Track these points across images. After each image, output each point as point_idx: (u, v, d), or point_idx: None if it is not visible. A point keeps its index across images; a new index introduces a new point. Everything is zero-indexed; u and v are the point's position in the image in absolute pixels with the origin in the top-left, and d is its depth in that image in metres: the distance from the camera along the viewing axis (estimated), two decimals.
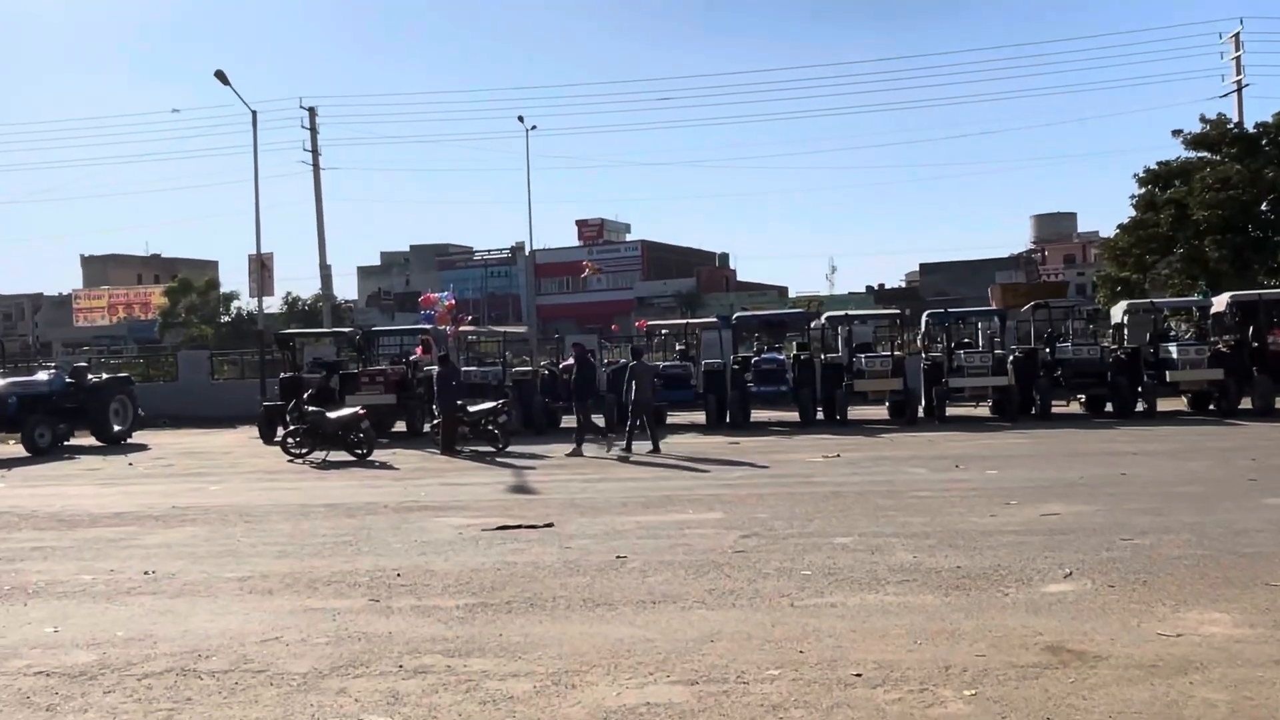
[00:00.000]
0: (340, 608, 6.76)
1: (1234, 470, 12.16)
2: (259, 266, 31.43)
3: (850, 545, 8.30)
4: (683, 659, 5.35)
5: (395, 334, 28.81)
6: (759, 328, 25.86)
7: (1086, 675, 4.86)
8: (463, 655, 5.55)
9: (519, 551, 8.54)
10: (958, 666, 5.05)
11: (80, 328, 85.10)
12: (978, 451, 15.40)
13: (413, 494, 12.62)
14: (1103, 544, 7.96)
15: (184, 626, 6.40)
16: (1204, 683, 4.69)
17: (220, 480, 15.10)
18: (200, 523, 10.80)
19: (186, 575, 7.99)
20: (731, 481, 12.87)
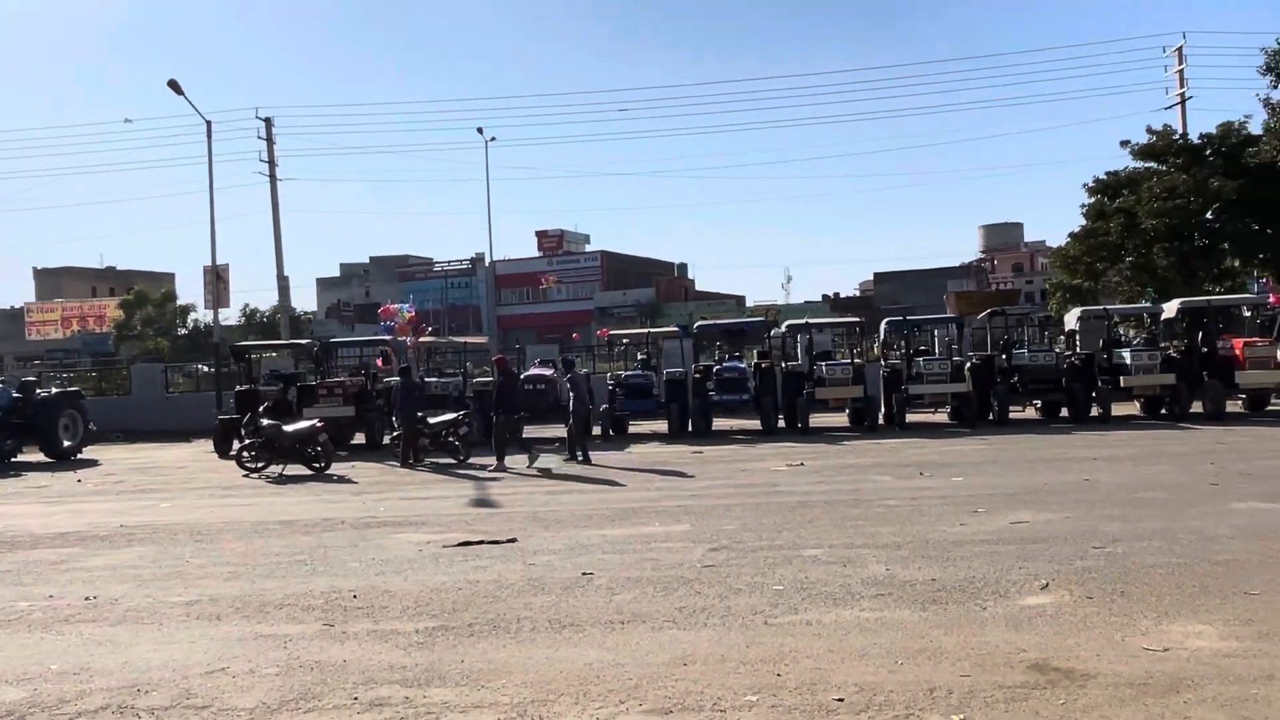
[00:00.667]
0: (292, 634, 6.32)
1: (1195, 475, 12.07)
2: (214, 278, 30.65)
3: (821, 557, 8.01)
4: (655, 685, 5.01)
5: (354, 345, 28.18)
6: (719, 337, 25.64)
7: (1076, 696, 4.60)
8: (422, 685, 5.16)
9: (481, 569, 8.13)
10: (942, 688, 4.77)
11: (33, 341, 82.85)
12: (940, 458, 15.26)
13: (371, 509, 12.14)
14: (1075, 553, 7.75)
15: (124, 658, 5.93)
16: (1198, 702, 4.46)
17: (172, 497, 14.47)
18: (148, 542, 10.24)
19: (130, 600, 7.48)
20: (697, 492, 12.57)
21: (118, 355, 60.62)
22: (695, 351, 23.65)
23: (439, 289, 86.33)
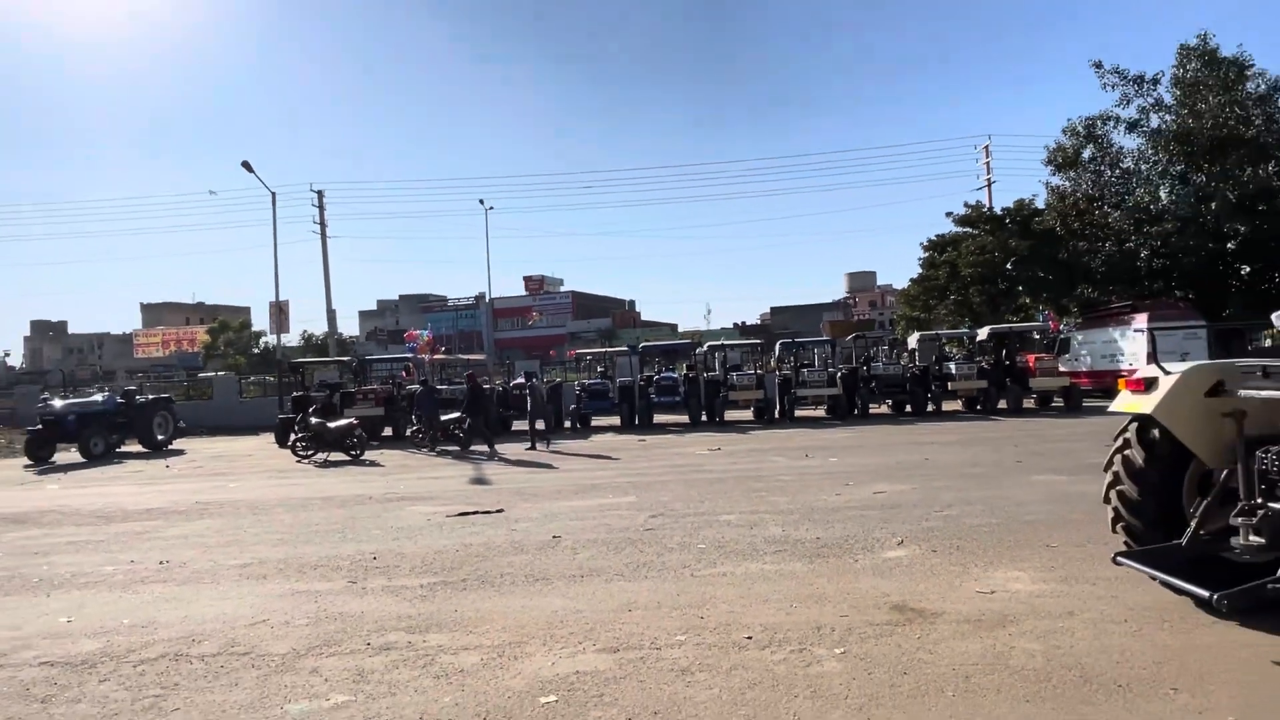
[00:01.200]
0: (323, 590, 5.90)
1: (1004, 455, 12.02)
2: (277, 311, 29.65)
3: (734, 522, 7.75)
4: (606, 628, 4.71)
5: (384, 361, 27.35)
6: (658, 354, 25.37)
7: (929, 631, 4.40)
8: (422, 631, 4.79)
9: (475, 534, 7.73)
10: (827, 627, 4.54)
11: (139, 359, 79.83)
12: (820, 444, 15.12)
13: (394, 487, 11.55)
14: (922, 516, 7.58)
15: (185, 612, 5.46)
16: (1020, 634, 4.28)
17: (239, 479, 13.74)
18: (216, 516, 9.60)
19: (196, 564, 6.95)
20: (641, 471, 12.23)
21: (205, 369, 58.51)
22: (640, 365, 23.35)
23: (451, 319, 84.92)
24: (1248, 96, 26.01)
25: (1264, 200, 25.45)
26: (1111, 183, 28.53)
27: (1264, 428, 4.07)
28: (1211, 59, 26.34)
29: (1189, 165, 26.66)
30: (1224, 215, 25.74)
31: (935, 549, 6.26)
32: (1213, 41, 26.50)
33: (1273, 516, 3.87)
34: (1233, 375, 4.31)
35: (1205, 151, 26.05)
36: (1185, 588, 3.87)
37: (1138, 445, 4.54)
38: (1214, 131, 25.66)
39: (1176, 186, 27.22)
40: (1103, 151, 28.42)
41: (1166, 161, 26.99)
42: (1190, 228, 25.93)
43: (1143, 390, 4.47)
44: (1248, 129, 25.53)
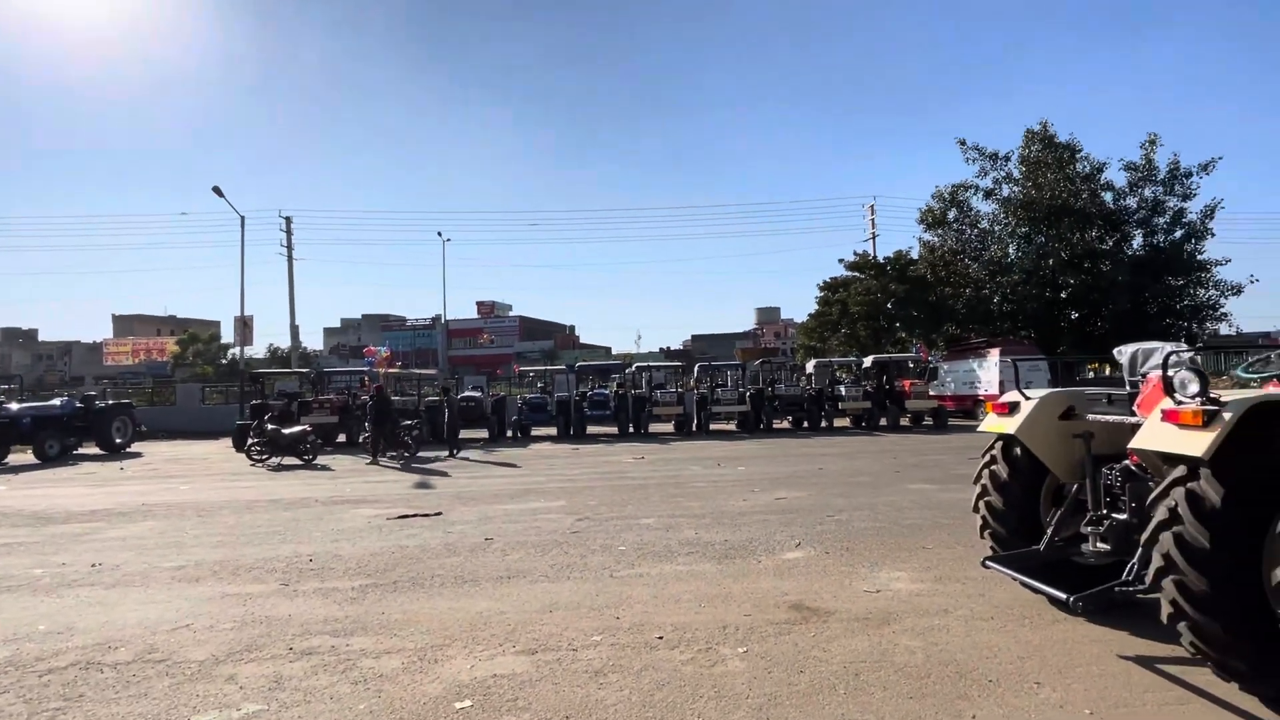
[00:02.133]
0: (254, 592, 5.28)
1: (885, 466, 12.12)
2: (242, 325, 27.90)
3: (653, 525, 7.43)
4: (527, 629, 4.32)
5: (342, 374, 25.98)
6: (593, 373, 24.98)
7: (823, 629, 4.18)
8: (347, 635, 4.29)
9: (412, 536, 7.17)
10: (732, 626, 4.27)
11: (108, 367, 74.00)
12: (730, 454, 15.01)
13: (340, 490, 10.74)
14: (816, 520, 7.44)
15: (107, 617, 4.77)
16: (903, 632, 4.11)
17: (190, 481, 12.54)
18: (160, 518, 8.66)
19: (129, 566, 6.18)
20: (573, 477, 11.77)
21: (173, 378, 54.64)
22: (576, 382, 22.88)
23: (409, 337, 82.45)
24: (1077, 174, 27.84)
25: (1089, 259, 27.18)
26: (971, 240, 29.98)
27: (1109, 448, 4.05)
28: (1050, 142, 28.11)
29: (1032, 228, 28.26)
30: (1058, 270, 27.37)
31: (828, 551, 6.11)
32: (1051, 128, 28.33)
33: (1116, 526, 3.83)
34: (1081, 401, 4.31)
35: (1044, 217, 27.68)
36: (1045, 590, 3.78)
37: (1002, 461, 4.49)
38: (1051, 201, 27.33)
39: (1022, 245, 28.80)
40: (964, 214, 29.87)
41: (1014, 224, 28.53)
42: (1032, 279, 27.44)
43: (1007, 413, 4.42)
44: (1076, 201, 27.29)
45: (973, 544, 5.99)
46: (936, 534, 6.63)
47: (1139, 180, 27.71)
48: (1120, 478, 3.88)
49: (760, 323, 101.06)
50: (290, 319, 32.70)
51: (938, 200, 29.99)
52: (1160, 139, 27.32)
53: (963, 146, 29.21)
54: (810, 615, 4.43)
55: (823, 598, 4.78)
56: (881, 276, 31.08)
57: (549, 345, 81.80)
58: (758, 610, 4.55)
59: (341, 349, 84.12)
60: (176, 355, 61.65)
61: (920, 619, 4.31)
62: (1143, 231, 28.13)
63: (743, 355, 52.36)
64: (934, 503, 8.32)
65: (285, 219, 33.09)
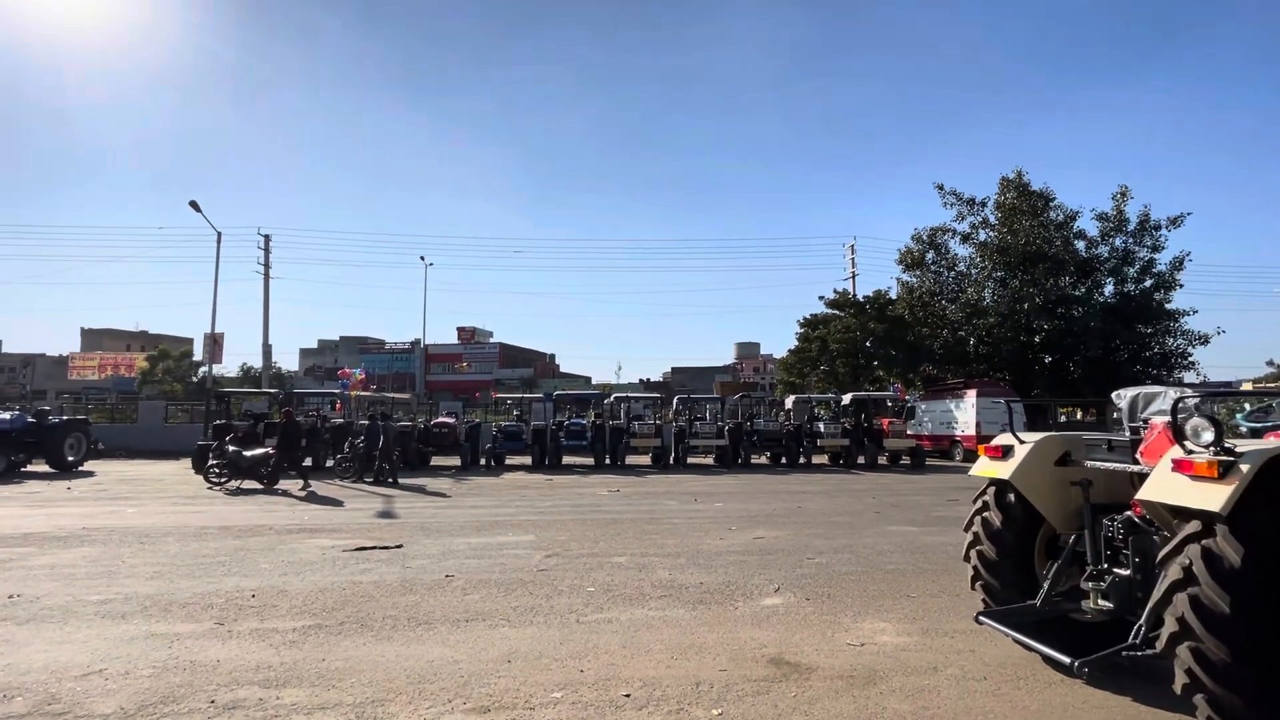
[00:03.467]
0: (183, 632, 4.78)
1: (865, 505, 11.83)
2: (211, 342, 27.03)
3: (625, 564, 7.03)
4: (481, 682, 3.90)
5: (315, 395, 25.26)
6: (571, 401, 24.64)
7: (804, 688, 3.83)
8: (279, 686, 3.84)
9: (368, 570, 6.68)
10: (706, 682, 3.90)
11: (73, 381, 71.67)
12: (708, 489, 14.64)
13: (299, 518, 10.17)
14: (796, 562, 7.09)
15: (10, 659, 4.25)
16: (890, 692, 3.77)
17: (139, 504, 11.82)
18: (98, 543, 8.04)
19: (51, 599, 5.62)
20: (544, 509, 11.30)
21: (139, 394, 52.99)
22: (554, 410, 22.48)
23: (388, 360, 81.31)
24: (1051, 222, 28.44)
25: (1062, 305, 27.61)
26: (948, 282, 30.36)
27: (1108, 496, 3.81)
28: (1024, 190, 28.76)
29: (1007, 272, 28.72)
30: (1033, 314, 27.73)
31: (809, 596, 5.76)
32: (1026, 176, 29.01)
33: (1119, 583, 3.57)
34: (1078, 446, 4.09)
35: (1019, 262, 28.16)
36: (1044, 651, 3.49)
37: (995, 508, 4.23)
38: (1026, 247, 27.83)
39: (997, 289, 29.22)
40: (941, 256, 30.31)
41: (990, 268, 28.97)
42: (1007, 322, 27.76)
43: (1000, 457, 4.18)
44: (1050, 247, 27.82)
45: (959, 593, 5.71)
46: (921, 581, 6.32)
47: (1110, 230, 28.39)
48: (1123, 530, 3.63)
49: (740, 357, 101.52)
50: (264, 338, 31.94)
51: (916, 242, 30.44)
52: (1131, 191, 28.10)
53: (941, 191, 29.79)
54: (790, 671, 4.08)
55: (804, 651, 4.43)
56: (861, 315, 31.25)
57: (529, 373, 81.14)
58: (734, 664, 4.18)
59: (317, 370, 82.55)
60: (145, 372, 60.18)
61: (909, 678, 3.98)
62: (1114, 279, 28.73)
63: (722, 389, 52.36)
64: (916, 546, 8.03)
65: (264, 236, 32.57)
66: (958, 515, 9.81)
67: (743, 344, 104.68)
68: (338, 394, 23.37)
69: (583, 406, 24.91)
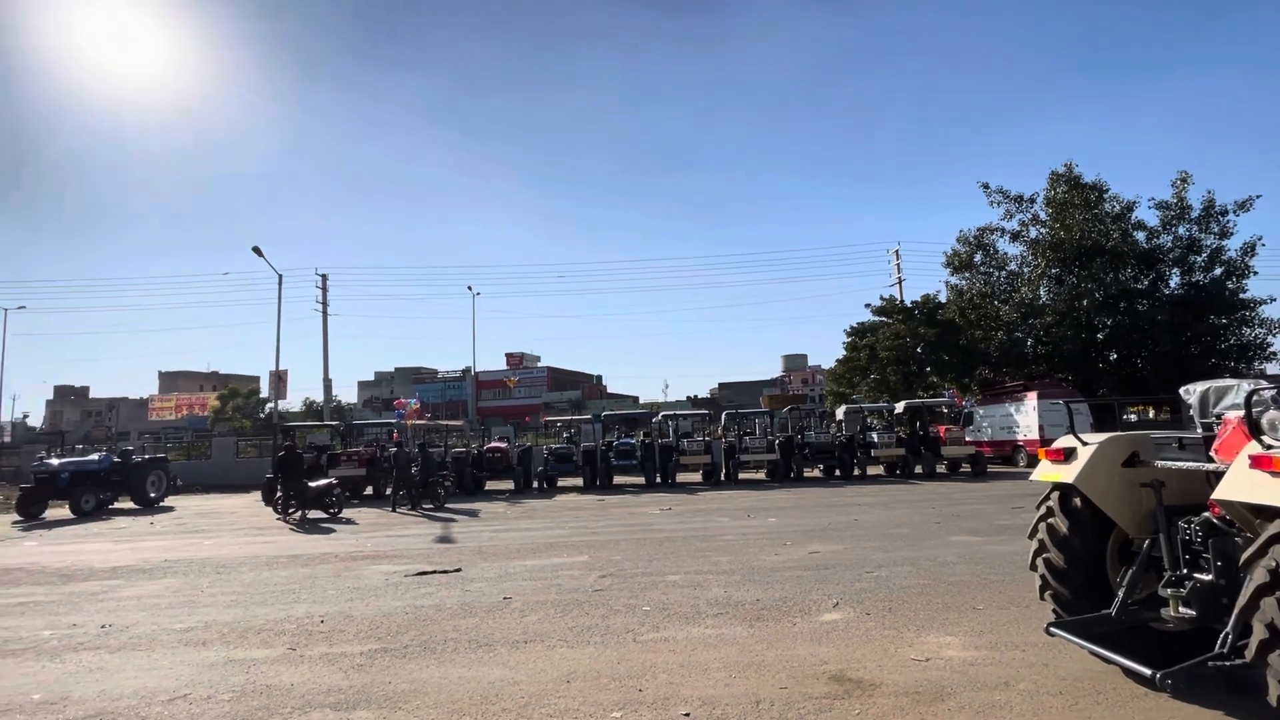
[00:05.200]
0: (259, 658, 4.98)
1: (924, 516, 11.44)
2: (276, 380, 28.33)
3: (679, 582, 6.98)
4: (542, 703, 3.93)
5: (373, 426, 26.09)
6: (620, 422, 24.75)
7: (868, 706, 3.72)
8: (349, 708, 3.95)
9: (428, 595, 6.82)
10: (766, 700, 3.84)
11: (153, 421, 76.16)
12: (760, 504, 14.42)
13: (362, 545, 10.47)
14: (855, 577, 6.91)
15: (105, 685, 4.51)
16: (959, 709, 3.63)
17: (215, 536, 12.41)
18: (179, 574, 8.46)
19: (139, 628, 5.94)
20: (597, 530, 11.32)
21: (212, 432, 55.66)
22: (603, 431, 22.62)
23: (440, 389, 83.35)
24: (1106, 214, 27.29)
25: (1124, 299, 26.36)
26: (1000, 282, 29.39)
27: (1183, 497, 3.62)
28: (1076, 183, 27.71)
29: (1062, 269, 27.63)
30: (1093, 310, 26.55)
31: (869, 611, 5.61)
32: (1076, 169, 27.98)
33: (1201, 588, 3.37)
34: (1146, 446, 3.89)
35: (1075, 258, 27.06)
36: (1123, 663, 3.31)
37: (1061, 514, 4.05)
38: (1081, 242, 26.75)
39: (1053, 286, 28.12)
40: (990, 256, 29.39)
41: (1044, 265, 27.92)
42: (1066, 320, 26.62)
43: (1062, 460, 4.02)
44: (1107, 240, 26.66)
45: (1028, 604, 5.47)
46: (986, 593, 6.08)
47: (1172, 219, 27.02)
48: (1201, 532, 3.43)
49: (787, 370, 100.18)
50: (324, 372, 33.22)
51: (963, 243, 29.61)
52: (1192, 177, 26.73)
53: (986, 190, 28.97)
54: (853, 688, 3.97)
55: (866, 667, 4.31)
56: (910, 321, 30.48)
57: (577, 395, 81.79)
58: (794, 682, 4.10)
59: (374, 402, 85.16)
60: (217, 410, 63.19)
61: (978, 693, 3.82)
62: (1179, 270, 27.27)
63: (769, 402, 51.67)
64: (980, 557, 7.72)
65: (321, 276, 33.97)
66: (1023, 523, 9.41)
67: (789, 356, 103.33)
68: (395, 424, 24.02)
69: (631, 426, 24.99)
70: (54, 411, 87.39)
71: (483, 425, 29.54)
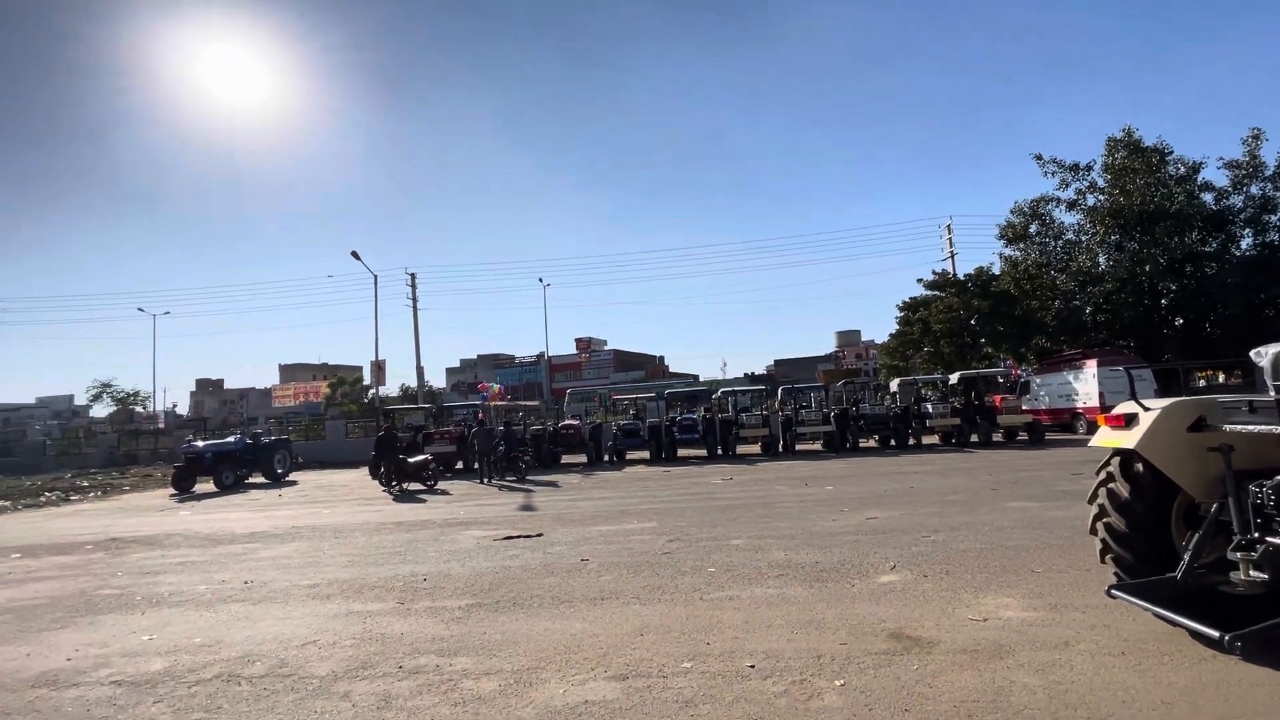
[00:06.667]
0: (374, 610, 5.33)
1: (980, 483, 10.96)
2: (376, 369, 29.86)
3: (741, 546, 6.99)
4: (619, 653, 4.04)
5: (459, 407, 27.07)
6: (681, 399, 24.72)
7: (926, 661, 3.64)
8: (451, 654, 4.18)
9: (515, 557, 7.10)
10: (827, 655, 3.81)
11: (275, 408, 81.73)
12: (817, 474, 14.17)
13: (455, 513, 10.97)
14: (911, 541, 6.73)
15: (250, 631, 4.93)
16: (1018, 667, 3.50)
17: (332, 506, 13.25)
18: (304, 539, 9.13)
19: (274, 584, 6.46)
20: (664, 499, 11.43)
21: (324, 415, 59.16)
22: (666, 408, 22.70)
23: (518, 373, 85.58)
24: (1170, 177, 25.05)
25: (1190, 263, 24.24)
26: (1056, 252, 27.55)
27: (1253, 462, 3.33)
28: (1136, 148, 25.53)
29: (1122, 235, 25.60)
30: (1156, 276, 24.55)
31: (926, 574, 5.45)
32: (1136, 133, 25.75)
33: (1273, 552, 3.11)
34: (1213, 410, 3.60)
35: (1135, 224, 25.02)
36: (1189, 625, 3.11)
37: (1122, 479, 3.81)
38: (1142, 207, 24.69)
39: (1113, 253, 26.12)
40: (1046, 227, 27.55)
41: (1103, 233, 25.95)
42: (1127, 287, 24.74)
43: (1123, 426, 3.76)
44: (1171, 204, 24.51)
45: (1089, 567, 5.19)
46: (1045, 556, 5.80)
47: (1243, 178, 24.53)
48: (1273, 495, 3.16)
49: (841, 345, 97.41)
50: (416, 360, 35.03)
51: (1017, 215, 27.86)
52: (1265, 134, 24.13)
53: (1040, 161, 27.08)
54: (911, 645, 3.89)
55: (924, 626, 4.21)
56: (963, 293, 29.05)
57: (641, 375, 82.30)
58: (854, 639, 4.05)
59: (461, 386, 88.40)
60: (328, 397, 67.04)
61: (1037, 652, 3.67)
62: (1252, 231, 24.79)
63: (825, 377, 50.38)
64: (1039, 521, 7.36)
65: (410, 275, 35.39)
66: (1082, 489, 8.86)
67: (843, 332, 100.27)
68: (479, 405, 24.84)
69: (693, 402, 24.93)
70: (196, 401, 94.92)
71: (556, 405, 30.10)
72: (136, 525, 11.75)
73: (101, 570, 7.66)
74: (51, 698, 3.85)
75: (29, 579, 7.40)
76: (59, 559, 8.61)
